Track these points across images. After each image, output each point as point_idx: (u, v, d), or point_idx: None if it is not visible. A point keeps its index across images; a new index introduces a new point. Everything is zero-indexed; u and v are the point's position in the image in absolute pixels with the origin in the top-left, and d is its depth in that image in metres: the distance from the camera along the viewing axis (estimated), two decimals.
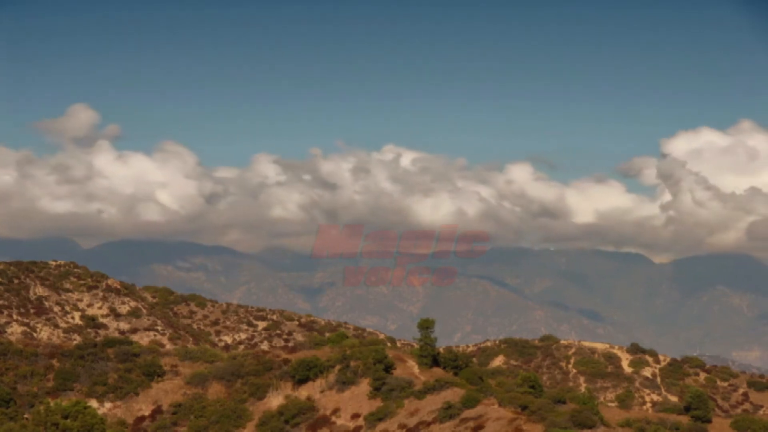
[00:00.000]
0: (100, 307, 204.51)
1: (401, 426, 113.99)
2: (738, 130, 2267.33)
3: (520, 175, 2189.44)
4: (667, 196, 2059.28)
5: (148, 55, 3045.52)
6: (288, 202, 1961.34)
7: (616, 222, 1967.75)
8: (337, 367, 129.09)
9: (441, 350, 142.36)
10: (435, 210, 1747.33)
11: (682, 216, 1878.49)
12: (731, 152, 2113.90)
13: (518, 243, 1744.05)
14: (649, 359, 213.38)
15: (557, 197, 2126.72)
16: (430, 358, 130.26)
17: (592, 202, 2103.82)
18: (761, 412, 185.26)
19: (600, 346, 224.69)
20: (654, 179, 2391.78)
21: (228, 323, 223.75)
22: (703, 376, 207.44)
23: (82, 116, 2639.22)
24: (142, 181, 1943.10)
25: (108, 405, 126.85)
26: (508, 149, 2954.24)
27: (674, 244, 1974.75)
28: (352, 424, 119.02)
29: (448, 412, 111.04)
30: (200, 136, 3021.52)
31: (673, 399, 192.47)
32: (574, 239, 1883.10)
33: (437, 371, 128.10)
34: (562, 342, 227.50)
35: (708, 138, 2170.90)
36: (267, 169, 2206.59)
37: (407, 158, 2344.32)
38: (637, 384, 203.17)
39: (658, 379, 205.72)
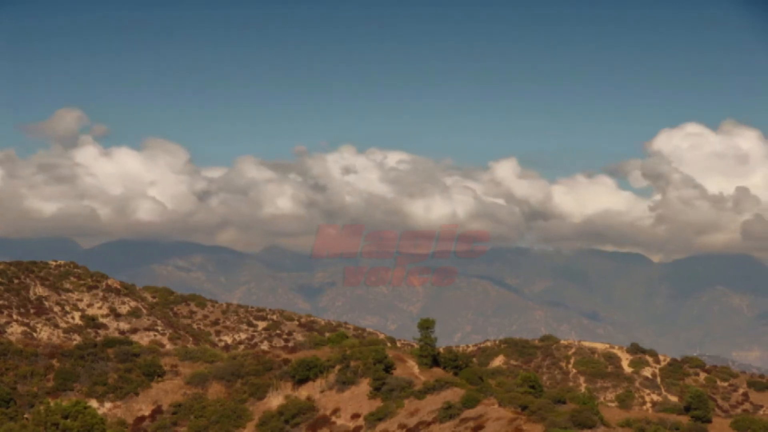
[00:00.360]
0: (100, 307, 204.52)
1: (401, 426, 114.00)
2: (726, 129, 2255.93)
3: (511, 175, 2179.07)
4: (661, 196, 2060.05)
5: (131, 56, 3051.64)
6: (281, 203, 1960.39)
7: (613, 222, 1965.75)
8: (337, 367, 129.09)
9: (441, 350, 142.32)
10: (428, 211, 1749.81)
11: (679, 216, 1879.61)
12: (721, 151, 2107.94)
13: (518, 243, 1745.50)
14: (649, 359, 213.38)
15: (551, 196, 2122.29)
16: (430, 358, 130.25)
17: (586, 201, 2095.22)
18: (761, 412, 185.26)
19: (600, 346, 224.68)
20: (648, 179, 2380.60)
21: (228, 323, 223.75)
22: (703, 376, 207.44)
23: (68, 117, 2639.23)
24: (135, 180, 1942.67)
25: (108, 405, 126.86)
26: (494, 149, 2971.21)
27: (673, 244, 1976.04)
28: (352, 424, 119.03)
29: (448, 412, 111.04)
30: (185, 137, 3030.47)
31: (673, 399, 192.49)
32: (573, 239, 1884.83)
33: (437, 371, 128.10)
34: (562, 342, 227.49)
35: (698, 137, 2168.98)
36: (255, 169, 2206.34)
37: (393, 160, 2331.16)
38: (637, 384, 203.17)
39: (658, 379, 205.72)
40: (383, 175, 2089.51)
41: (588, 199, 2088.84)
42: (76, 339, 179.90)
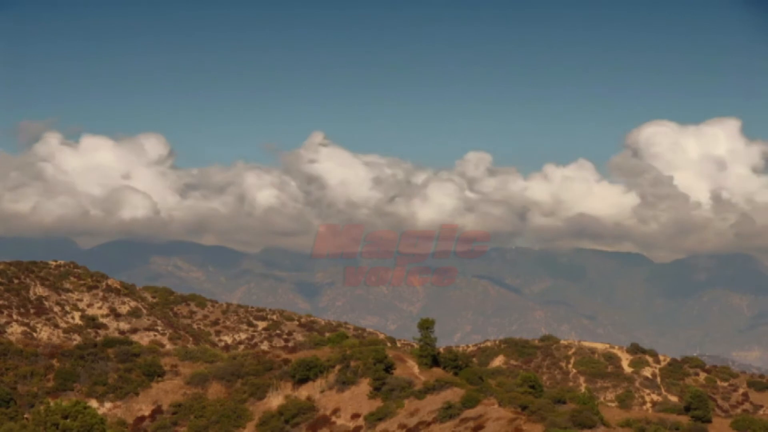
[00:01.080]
0: (100, 307, 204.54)
1: (401, 426, 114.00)
2: (714, 127, 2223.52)
3: (486, 172, 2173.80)
4: (659, 196, 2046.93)
5: (95, 59, 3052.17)
6: (267, 202, 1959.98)
7: (602, 220, 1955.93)
8: (337, 367, 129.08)
9: (441, 350, 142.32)
10: (413, 211, 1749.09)
11: (679, 216, 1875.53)
12: (711, 151, 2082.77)
13: (518, 243, 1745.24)
14: (649, 359, 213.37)
15: (537, 193, 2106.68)
16: (430, 358, 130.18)
17: (578, 199, 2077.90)
18: (761, 412, 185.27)
19: (600, 346, 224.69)
20: (644, 178, 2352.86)
21: (228, 323, 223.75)
22: (703, 376, 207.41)
23: (39, 123, 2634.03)
24: (126, 178, 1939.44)
25: (108, 405, 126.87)
26: (465, 148, 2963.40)
27: (674, 244, 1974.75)
28: (352, 424, 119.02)
29: (448, 412, 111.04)
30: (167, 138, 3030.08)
31: (673, 399, 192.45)
32: (571, 238, 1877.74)
33: (437, 371, 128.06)
34: (562, 342, 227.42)
35: (689, 137, 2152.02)
36: (242, 170, 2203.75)
37: (369, 162, 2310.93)
38: (637, 384, 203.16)
39: (658, 379, 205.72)
40: (365, 177, 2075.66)
41: (574, 196, 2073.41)
42: (76, 339, 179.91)
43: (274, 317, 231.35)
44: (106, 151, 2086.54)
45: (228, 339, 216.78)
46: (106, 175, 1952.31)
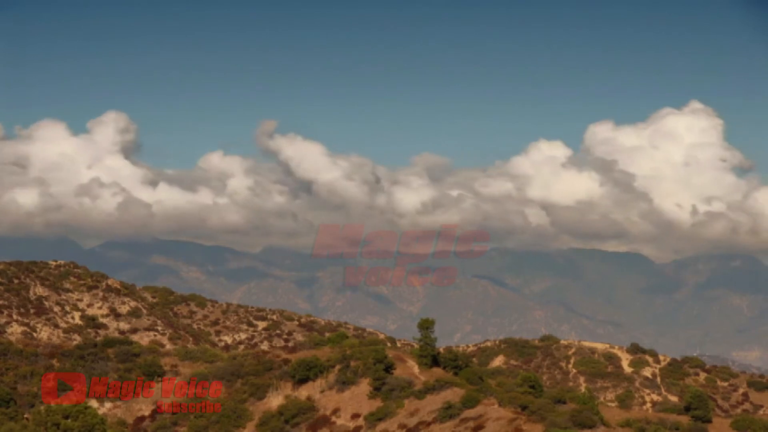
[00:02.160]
0: (100, 307, 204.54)
1: (401, 426, 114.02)
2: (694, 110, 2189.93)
3: (454, 174, 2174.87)
4: (656, 195, 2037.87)
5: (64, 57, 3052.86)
6: (250, 198, 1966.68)
7: (607, 219, 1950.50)
8: (337, 367, 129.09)
9: (441, 350, 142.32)
10: (404, 212, 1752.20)
11: (680, 216, 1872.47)
12: (701, 149, 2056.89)
13: (518, 243, 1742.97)
14: (649, 359, 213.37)
15: (525, 189, 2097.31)
16: (430, 358, 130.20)
17: (572, 196, 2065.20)
18: (761, 412, 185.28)
19: (600, 346, 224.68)
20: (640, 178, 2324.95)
21: (228, 323, 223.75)
22: (703, 376, 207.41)
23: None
24: (123, 179, 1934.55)
25: (108, 405, 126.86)
26: (412, 147, 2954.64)
27: (673, 244, 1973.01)
28: (352, 424, 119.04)
29: (448, 412, 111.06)
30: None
31: (673, 399, 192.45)
32: (572, 238, 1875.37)
33: (437, 371, 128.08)
34: (562, 342, 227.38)
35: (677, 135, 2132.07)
36: (234, 169, 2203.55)
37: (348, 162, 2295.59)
38: (637, 384, 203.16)
39: (658, 379, 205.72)
40: (341, 174, 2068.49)
41: (577, 194, 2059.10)
42: (76, 339, 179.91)
43: (274, 317, 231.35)
44: (70, 142, 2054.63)
45: (228, 339, 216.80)
46: (76, 169, 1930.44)
